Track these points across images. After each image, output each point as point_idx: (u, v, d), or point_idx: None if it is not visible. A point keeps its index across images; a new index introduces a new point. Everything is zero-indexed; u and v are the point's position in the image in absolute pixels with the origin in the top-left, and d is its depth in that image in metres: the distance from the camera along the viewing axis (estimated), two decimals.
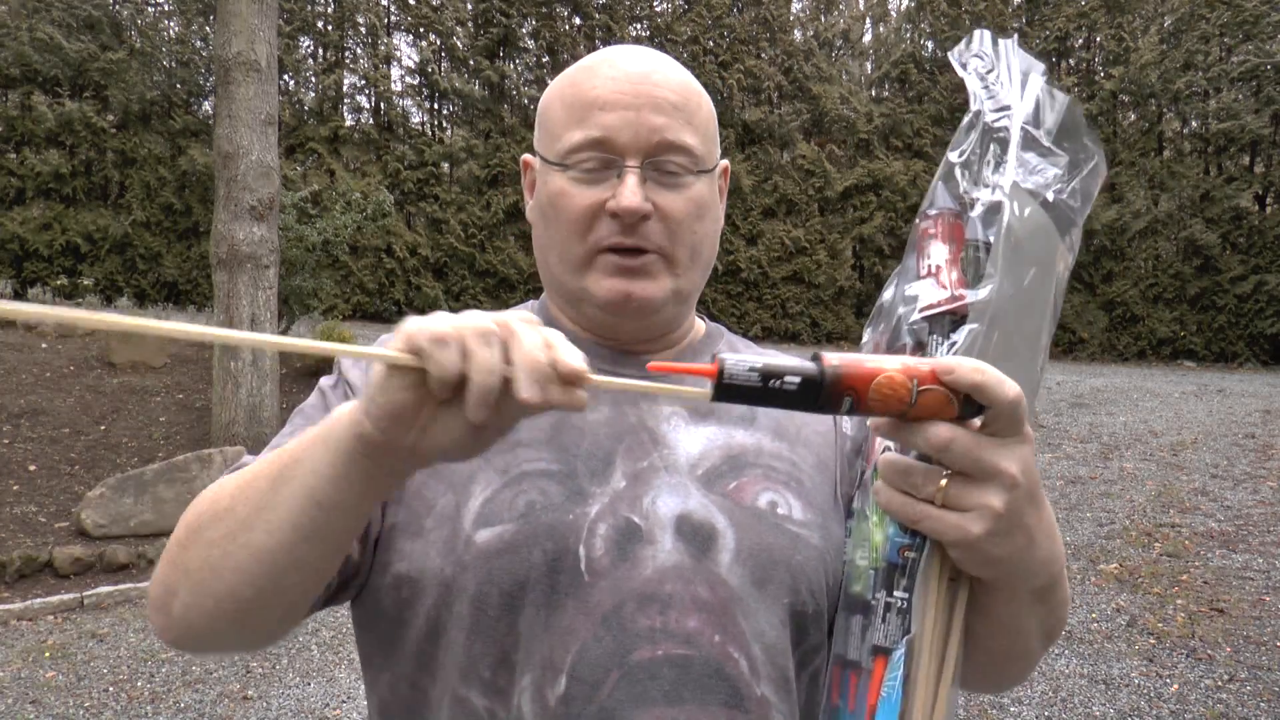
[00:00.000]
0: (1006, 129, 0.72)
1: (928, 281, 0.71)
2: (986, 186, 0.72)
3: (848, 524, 0.83)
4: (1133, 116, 16.61)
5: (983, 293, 0.67)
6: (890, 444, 0.73)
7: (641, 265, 0.81)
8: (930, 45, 17.97)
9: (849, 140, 17.15)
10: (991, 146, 0.73)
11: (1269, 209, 15.70)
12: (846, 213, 16.92)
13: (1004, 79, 0.74)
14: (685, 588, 0.75)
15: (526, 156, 0.90)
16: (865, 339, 0.88)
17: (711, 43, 17.35)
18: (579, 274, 0.83)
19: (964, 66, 0.76)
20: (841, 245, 16.86)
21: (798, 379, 0.60)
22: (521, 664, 0.74)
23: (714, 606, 0.75)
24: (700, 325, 0.95)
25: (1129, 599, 4.85)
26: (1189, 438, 8.56)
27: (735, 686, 0.74)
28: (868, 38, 18.96)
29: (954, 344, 0.68)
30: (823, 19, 18.04)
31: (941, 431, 0.63)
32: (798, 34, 17.79)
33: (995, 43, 0.76)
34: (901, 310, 0.74)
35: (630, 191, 0.79)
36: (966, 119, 0.74)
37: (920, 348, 0.71)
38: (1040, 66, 0.74)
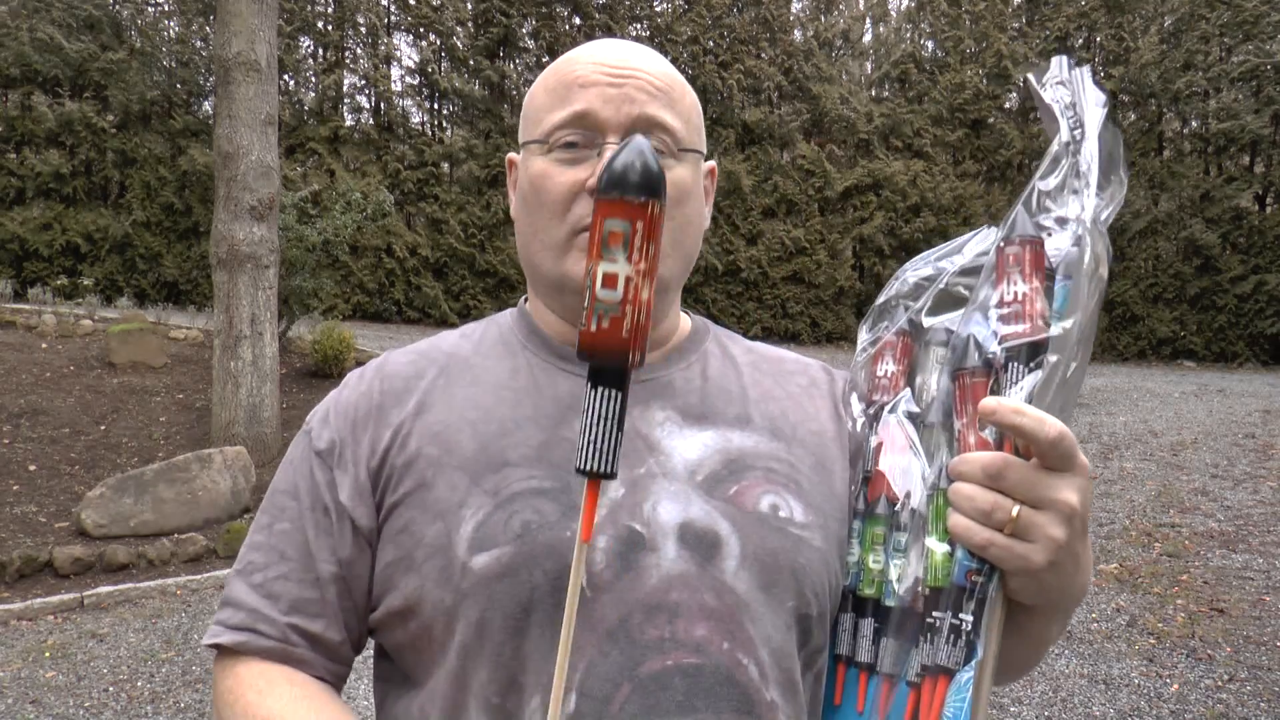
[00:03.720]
0: (1087, 161, 0.74)
1: (1011, 309, 0.73)
2: (1061, 219, 0.74)
3: (853, 525, 0.83)
4: (1133, 116, 16.61)
5: (1066, 325, 0.70)
6: (943, 464, 0.75)
7: None
8: (930, 45, 17.98)
9: (849, 140, 17.15)
10: (1074, 179, 0.75)
11: (1269, 209, 15.71)
12: (846, 213, 16.93)
13: (1080, 112, 0.76)
14: (692, 596, 0.74)
15: (511, 155, 0.90)
16: (863, 338, 0.88)
17: (711, 43, 17.34)
18: (560, 258, 0.82)
19: (1048, 93, 0.77)
20: (841, 245, 16.86)
21: (606, 391, 0.64)
22: (530, 686, 0.73)
23: (721, 614, 0.75)
24: (686, 323, 0.93)
25: (1129, 599, 4.85)
26: (1189, 438, 8.56)
27: (746, 693, 0.74)
28: (868, 38, 18.95)
29: (1034, 372, 0.70)
30: (823, 19, 18.04)
31: (994, 461, 0.65)
32: (798, 34, 17.79)
33: (1071, 67, 0.77)
34: (975, 333, 0.75)
35: None
36: (1054, 149, 0.75)
37: (995, 372, 0.73)
38: (1102, 98, 0.76)
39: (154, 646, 4.40)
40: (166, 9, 16.50)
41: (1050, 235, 0.74)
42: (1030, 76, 0.78)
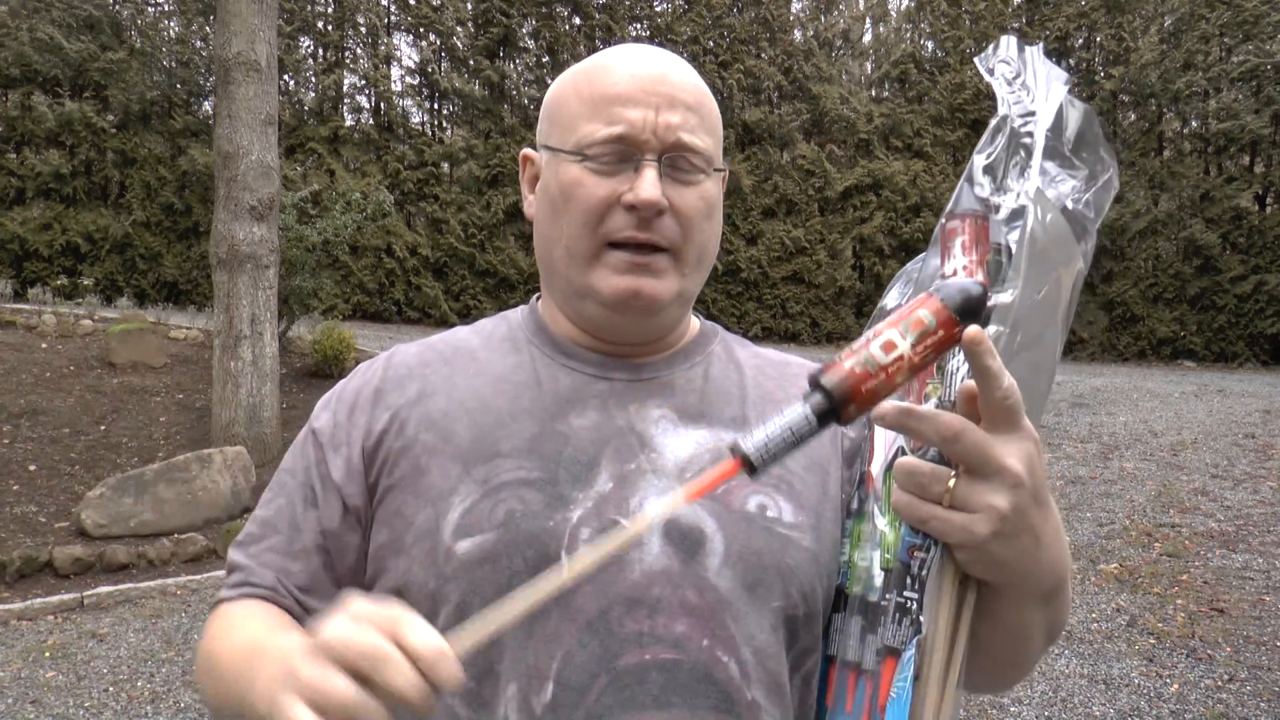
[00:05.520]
0: (1031, 135, 0.72)
1: None
2: (1010, 191, 0.72)
3: (845, 524, 0.82)
4: (1133, 116, 16.61)
5: (1006, 296, 0.67)
6: (902, 445, 0.73)
7: (650, 263, 0.81)
8: (930, 45, 17.98)
9: (849, 140, 17.15)
10: (1017, 152, 0.73)
11: (1269, 209, 15.71)
12: (846, 213, 16.93)
13: (1029, 85, 0.74)
14: (673, 592, 0.75)
15: (527, 151, 0.90)
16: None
17: (711, 43, 17.34)
18: (586, 268, 0.82)
19: (990, 71, 0.76)
20: (841, 245, 16.86)
21: (814, 420, 0.62)
22: (506, 673, 0.74)
23: (702, 611, 0.75)
24: (694, 324, 0.94)
25: (1129, 599, 4.85)
26: (1189, 438, 8.56)
27: (725, 691, 0.74)
28: (868, 38, 18.96)
29: None
30: (823, 19, 18.04)
31: (953, 423, 0.63)
32: (798, 34, 17.79)
33: (1021, 49, 0.76)
34: None
35: (649, 184, 0.79)
36: (994, 122, 0.75)
37: None
38: (1063, 75, 0.74)
39: (154, 646, 4.40)
40: (166, 9, 16.51)
41: (996, 205, 0.72)
42: (978, 59, 0.77)
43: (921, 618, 0.67)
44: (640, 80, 0.81)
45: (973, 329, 0.61)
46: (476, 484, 0.79)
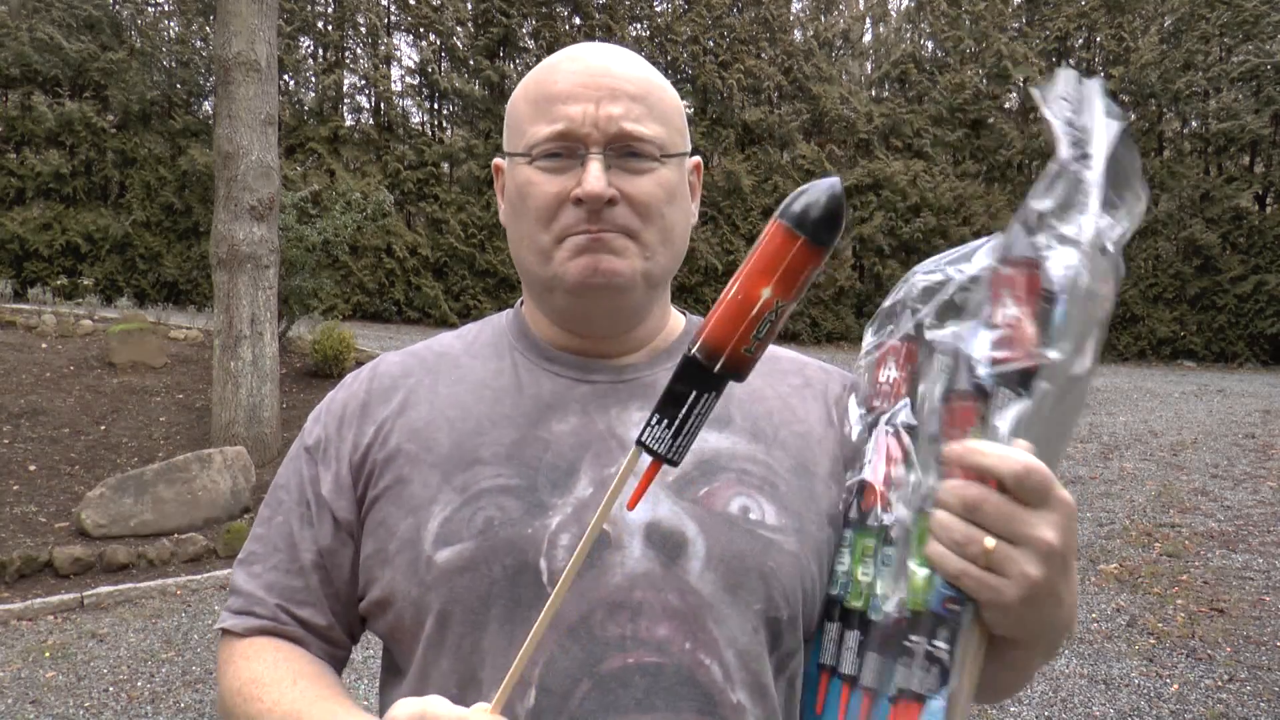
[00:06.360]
0: (1085, 180, 0.71)
1: (1002, 333, 0.71)
2: (1060, 237, 0.71)
3: (844, 533, 0.82)
4: (1133, 116, 16.59)
5: (1058, 354, 0.67)
6: (906, 463, 0.74)
7: (606, 239, 0.80)
8: (930, 45, 17.98)
9: (849, 140, 17.14)
10: (1072, 197, 0.72)
11: (1269, 209, 15.71)
12: (846, 213, 16.93)
13: (1088, 125, 0.73)
14: (655, 595, 0.75)
15: (497, 160, 0.91)
16: (868, 341, 0.87)
17: (711, 43, 17.34)
18: (547, 260, 0.82)
19: (1050, 108, 0.75)
20: (841, 245, 16.86)
21: (688, 384, 0.64)
22: (488, 680, 0.74)
23: (684, 614, 0.75)
24: (679, 322, 0.93)
25: (1129, 599, 4.85)
26: (1189, 438, 8.56)
27: (708, 693, 0.75)
28: (868, 38, 18.95)
29: (1023, 399, 0.68)
30: (823, 19, 18.03)
31: (972, 492, 0.64)
32: (798, 34, 17.79)
33: (1080, 83, 0.75)
34: (963, 351, 0.73)
35: (594, 177, 0.79)
36: (1053, 167, 0.73)
37: (985, 397, 0.71)
38: (1117, 112, 0.73)
39: (154, 646, 4.40)
40: (166, 9, 16.51)
41: (1050, 255, 0.71)
42: (1036, 91, 0.76)
43: (951, 669, 0.68)
44: (580, 76, 0.82)
45: (950, 450, 0.65)
46: (456, 492, 0.79)
